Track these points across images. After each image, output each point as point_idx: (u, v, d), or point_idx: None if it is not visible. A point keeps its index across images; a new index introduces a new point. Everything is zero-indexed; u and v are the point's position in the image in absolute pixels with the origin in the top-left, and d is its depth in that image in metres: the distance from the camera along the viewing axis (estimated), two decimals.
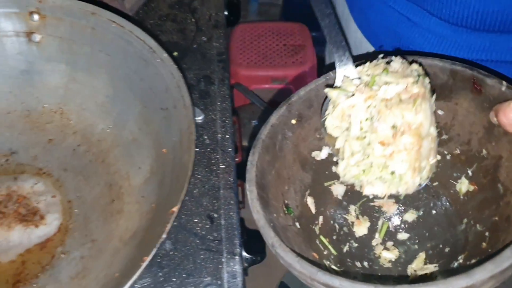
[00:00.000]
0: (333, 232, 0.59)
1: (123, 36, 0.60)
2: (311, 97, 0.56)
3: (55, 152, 0.64)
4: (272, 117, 0.54)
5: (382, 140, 0.48)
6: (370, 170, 0.50)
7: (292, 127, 0.55)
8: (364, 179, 0.51)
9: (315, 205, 0.58)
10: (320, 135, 0.58)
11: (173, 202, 0.47)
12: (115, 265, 0.51)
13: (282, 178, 0.54)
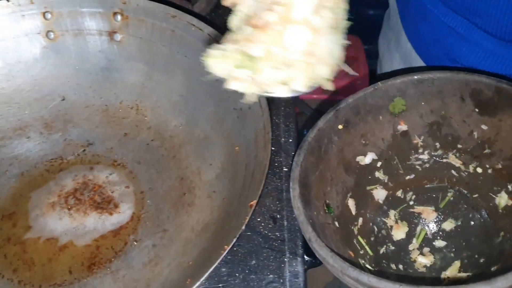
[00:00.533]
0: (371, 234, 0.61)
1: (201, 38, 0.63)
2: (359, 104, 0.59)
3: (129, 145, 0.68)
4: (320, 122, 0.57)
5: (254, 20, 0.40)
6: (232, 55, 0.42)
7: (339, 132, 0.58)
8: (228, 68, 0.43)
9: (355, 207, 0.61)
10: (366, 141, 0.60)
11: (247, 197, 0.49)
12: (187, 254, 0.53)
13: (325, 179, 0.57)
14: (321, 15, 0.40)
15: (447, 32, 0.67)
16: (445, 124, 0.61)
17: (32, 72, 0.70)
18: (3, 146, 0.67)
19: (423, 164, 0.63)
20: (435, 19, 0.68)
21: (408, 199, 0.63)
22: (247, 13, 0.42)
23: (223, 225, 0.52)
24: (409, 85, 0.59)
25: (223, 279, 0.59)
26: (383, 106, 0.60)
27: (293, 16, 0.38)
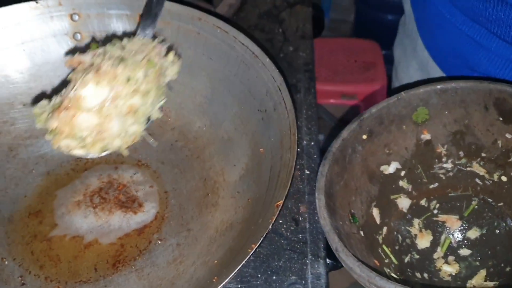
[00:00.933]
0: (395, 242, 0.61)
1: (226, 41, 0.64)
2: (382, 114, 0.59)
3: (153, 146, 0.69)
4: (344, 132, 0.58)
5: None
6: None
7: (363, 141, 0.59)
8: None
9: (380, 216, 0.61)
10: (389, 150, 0.61)
11: (273, 197, 0.50)
12: (212, 253, 0.54)
13: (349, 188, 0.58)
14: (115, 104, 0.50)
15: (465, 41, 0.67)
16: (468, 133, 0.61)
17: (59, 73, 0.71)
18: (30, 145, 0.69)
19: (446, 173, 0.63)
20: (453, 28, 0.68)
21: (432, 208, 0.63)
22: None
23: (249, 225, 0.52)
24: (432, 95, 0.60)
25: (245, 280, 0.59)
26: (406, 115, 0.60)
27: (84, 105, 0.49)
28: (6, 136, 0.68)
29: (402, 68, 0.91)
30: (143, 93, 0.53)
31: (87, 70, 0.52)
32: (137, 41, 0.57)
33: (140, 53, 0.55)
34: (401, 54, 0.92)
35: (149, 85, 0.53)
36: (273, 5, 0.95)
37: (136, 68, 0.52)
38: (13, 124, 0.69)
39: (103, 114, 0.50)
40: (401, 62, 0.92)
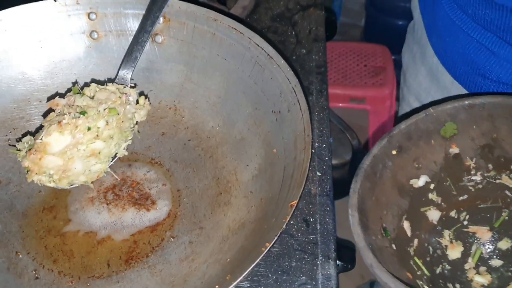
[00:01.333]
0: (426, 254, 0.62)
1: (241, 42, 0.65)
2: (411, 130, 0.61)
3: (167, 144, 0.69)
4: (374, 148, 0.60)
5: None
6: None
7: (392, 157, 0.61)
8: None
9: (411, 229, 0.62)
10: (418, 164, 0.63)
11: (287, 197, 0.50)
12: (224, 251, 0.54)
13: (380, 203, 0.60)
14: (77, 149, 0.59)
15: (476, 48, 0.67)
16: (497, 146, 0.62)
17: (75, 70, 0.72)
18: None
19: (476, 185, 0.64)
20: (463, 35, 0.68)
21: (462, 219, 0.64)
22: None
23: (261, 225, 0.53)
24: (460, 110, 0.61)
25: (255, 279, 0.60)
26: (434, 130, 0.62)
27: (49, 150, 0.58)
28: (22, 132, 0.69)
29: (410, 74, 0.91)
30: (105, 138, 0.61)
31: (55, 119, 0.60)
32: (107, 90, 0.64)
33: (105, 103, 0.62)
34: (410, 60, 0.92)
35: (111, 131, 0.61)
36: (286, 7, 0.95)
37: (97, 118, 0.60)
38: (29, 120, 0.70)
39: (66, 156, 0.59)
40: (409, 68, 0.92)
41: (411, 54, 0.91)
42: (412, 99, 0.91)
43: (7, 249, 0.60)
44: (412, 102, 0.91)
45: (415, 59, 0.89)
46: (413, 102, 0.91)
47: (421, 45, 0.84)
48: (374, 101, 1.73)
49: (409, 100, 0.92)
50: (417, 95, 0.89)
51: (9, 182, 0.66)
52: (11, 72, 0.69)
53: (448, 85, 0.76)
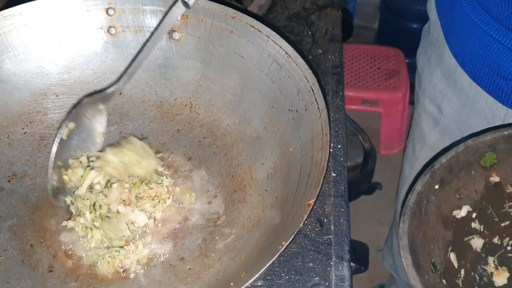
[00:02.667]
0: (474, 283, 0.62)
1: (259, 40, 0.64)
2: (452, 163, 0.61)
3: (182, 141, 0.69)
4: (418, 185, 0.60)
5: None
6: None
7: (435, 191, 0.61)
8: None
9: (457, 260, 0.62)
10: (460, 195, 0.63)
11: (303, 196, 0.50)
12: (239, 249, 0.54)
13: (427, 238, 0.60)
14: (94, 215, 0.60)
15: (497, 49, 0.66)
16: None
17: (92, 66, 0.72)
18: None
19: None
20: (484, 35, 0.67)
21: (505, 245, 0.64)
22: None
23: (278, 223, 0.53)
24: (499, 141, 0.61)
25: (268, 278, 0.60)
26: (474, 161, 0.62)
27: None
28: (38, 125, 0.69)
29: (425, 76, 0.91)
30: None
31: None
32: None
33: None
34: (425, 63, 0.91)
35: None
36: (302, 7, 0.95)
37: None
38: (45, 114, 0.70)
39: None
40: (424, 71, 0.91)
41: (426, 56, 0.90)
42: (427, 101, 0.90)
43: (22, 242, 0.60)
44: (427, 105, 0.90)
45: (430, 62, 0.88)
46: (427, 105, 0.90)
47: (437, 47, 0.83)
48: (387, 103, 1.72)
49: (424, 103, 0.91)
50: (432, 98, 0.88)
51: (25, 175, 0.66)
52: (29, 66, 0.70)
53: (466, 87, 0.75)
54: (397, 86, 1.72)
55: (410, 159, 1.02)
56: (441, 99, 0.85)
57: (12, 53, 0.68)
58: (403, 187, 1.07)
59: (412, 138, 1.00)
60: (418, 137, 0.96)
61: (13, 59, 0.68)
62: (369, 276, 1.53)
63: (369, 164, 1.59)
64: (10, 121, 0.68)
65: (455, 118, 0.84)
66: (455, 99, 0.81)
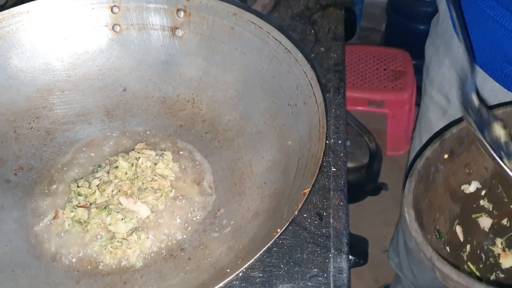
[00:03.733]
0: (479, 261, 0.62)
1: (260, 36, 0.65)
2: (463, 135, 0.61)
3: (184, 136, 0.71)
4: (427, 151, 0.60)
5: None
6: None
7: (444, 161, 0.61)
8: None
9: (463, 234, 0.62)
10: (469, 170, 0.63)
11: (299, 187, 0.51)
12: (237, 239, 0.55)
13: (433, 206, 0.60)
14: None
15: (504, 34, 0.67)
16: None
17: (97, 62, 0.74)
18: (67, 130, 0.71)
19: None
20: (491, 21, 0.68)
21: None
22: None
23: (274, 213, 0.54)
24: (511, 116, 0.61)
25: (267, 269, 0.60)
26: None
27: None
28: (44, 120, 0.71)
29: (433, 66, 0.91)
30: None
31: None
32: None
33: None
34: (433, 53, 0.92)
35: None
36: (305, 6, 0.96)
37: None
38: (51, 110, 0.72)
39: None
40: (432, 61, 0.92)
41: (434, 47, 0.91)
42: (435, 91, 0.91)
43: (27, 232, 0.61)
44: (434, 95, 0.91)
45: (438, 52, 0.89)
46: (435, 95, 0.91)
47: (446, 37, 0.84)
48: (393, 105, 1.72)
49: (431, 93, 0.92)
50: (439, 87, 0.89)
51: (31, 168, 0.68)
52: (35, 62, 0.71)
53: None
54: (404, 87, 1.73)
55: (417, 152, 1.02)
56: (449, 88, 0.86)
57: (20, 50, 0.70)
58: None
59: (419, 130, 1.01)
60: (425, 128, 0.97)
61: (20, 56, 0.70)
62: (374, 276, 1.53)
63: (375, 165, 1.59)
64: (17, 116, 0.70)
65: None
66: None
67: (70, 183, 0.65)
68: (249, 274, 0.60)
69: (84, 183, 0.64)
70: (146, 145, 0.68)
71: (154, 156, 0.66)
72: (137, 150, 0.67)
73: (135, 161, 0.65)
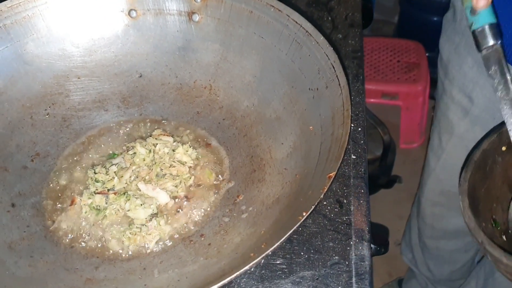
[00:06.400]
0: None
1: (279, 19, 0.64)
2: None
3: (201, 123, 0.70)
4: (484, 143, 0.62)
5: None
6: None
7: (502, 153, 0.62)
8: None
9: None
10: None
11: (323, 171, 0.50)
12: (258, 225, 0.54)
13: (491, 196, 0.62)
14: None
15: None
16: None
17: (113, 48, 0.73)
18: (83, 117, 0.71)
19: None
20: None
21: None
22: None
23: (297, 198, 0.52)
24: None
25: (287, 257, 0.59)
26: None
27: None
28: (60, 107, 0.70)
29: (453, 66, 0.89)
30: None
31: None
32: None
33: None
34: (451, 52, 0.90)
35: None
36: None
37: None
38: (67, 96, 0.71)
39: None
40: (451, 60, 0.90)
41: (453, 45, 0.88)
42: (455, 91, 0.89)
43: (44, 218, 0.61)
44: (455, 94, 0.89)
45: (458, 50, 0.87)
46: (456, 95, 0.89)
47: (467, 35, 0.82)
48: (406, 97, 1.70)
49: (452, 92, 0.90)
50: (461, 87, 0.87)
51: (47, 155, 0.67)
52: (51, 48, 0.71)
53: None
54: (417, 79, 1.70)
55: (436, 151, 1.00)
56: (472, 88, 0.84)
57: (36, 35, 0.69)
58: (428, 179, 1.05)
59: (438, 130, 0.99)
60: (445, 127, 0.95)
61: (36, 41, 0.69)
62: (388, 270, 1.52)
63: (389, 157, 1.57)
64: (33, 102, 0.69)
65: (487, 106, 0.82)
66: (487, 87, 0.80)
67: (87, 170, 0.65)
68: (269, 261, 0.59)
69: (101, 170, 0.63)
70: (164, 132, 0.67)
71: (172, 143, 0.65)
72: (155, 136, 0.66)
73: (152, 147, 0.64)
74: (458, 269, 1.18)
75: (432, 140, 1.03)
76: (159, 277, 0.52)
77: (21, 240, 0.57)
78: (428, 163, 1.05)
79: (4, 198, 0.61)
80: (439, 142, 0.98)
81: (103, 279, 0.53)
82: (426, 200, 1.08)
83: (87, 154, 0.67)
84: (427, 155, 1.06)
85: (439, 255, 1.16)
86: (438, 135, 0.99)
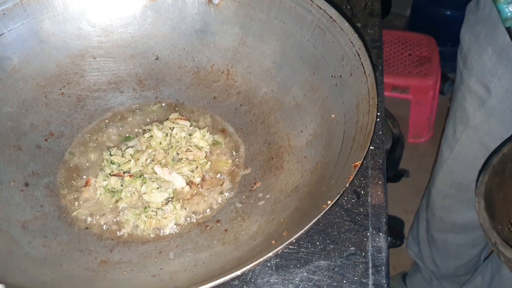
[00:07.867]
0: None
1: (302, 4, 0.63)
2: None
3: (218, 108, 0.68)
4: (505, 148, 0.62)
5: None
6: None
7: None
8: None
9: None
10: None
11: (348, 159, 0.49)
12: (276, 212, 0.53)
13: (508, 200, 0.63)
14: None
15: None
16: None
17: (130, 29, 0.72)
18: (98, 98, 0.70)
19: None
20: None
21: None
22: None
23: (318, 187, 0.51)
24: None
25: (303, 246, 0.59)
26: None
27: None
28: (75, 86, 0.69)
29: (472, 55, 0.88)
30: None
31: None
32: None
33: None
34: (472, 41, 0.88)
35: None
36: None
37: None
38: (82, 76, 0.70)
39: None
40: (471, 49, 0.88)
41: (473, 34, 0.87)
42: (473, 81, 0.87)
43: (58, 198, 0.60)
44: (472, 84, 0.88)
45: (478, 39, 0.85)
46: (473, 85, 0.88)
47: (488, 24, 0.80)
48: (417, 90, 1.69)
49: (469, 83, 0.89)
50: (479, 77, 0.85)
51: (61, 135, 0.66)
52: (68, 27, 0.69)
53: None
54: (428, 73, 1.69)
55: (449, 142, 0.99)
56: (490, 78, 0.83)
57: (52, 13, 0.68)
58: (440, 171, 1.04)
59: (453, 120, 0.97)
60: (461, 118, 0.94)
61: (52, 19, 0.68)
62: (392, 263, 1.51)
63: (397, 151, 1.55)
64: (48, 81, 0.68)
65: (505, 98, 0.81)
66: (506, 77, 0.78)
67: (102, 152, 0.64)
68: (284, 250, 0.58)
69: (117, 152, 0.62)
70: (181, 115, 0.66)
71: (189, 127, 0.64)
72: (172, 120, 0.65)
73: (169, 131, 0.63)
74: (464, 264, 1.18)
75: (446, 130, 1.02)
76: (175, 261, 0.51)
77: (35, 219, 0.57)
78: (441, 154, 1.04)
79: (17, 177, 0.60)
80: (453, 133, 0.97)
81: (118, 262, 0.53)
82: (437, 191, 1.08)
83: (102, 136, 0.66)
84: (441, 146, 1.05)
85: (446, 249, 1.16)
86: (453, 126, 0.97)
